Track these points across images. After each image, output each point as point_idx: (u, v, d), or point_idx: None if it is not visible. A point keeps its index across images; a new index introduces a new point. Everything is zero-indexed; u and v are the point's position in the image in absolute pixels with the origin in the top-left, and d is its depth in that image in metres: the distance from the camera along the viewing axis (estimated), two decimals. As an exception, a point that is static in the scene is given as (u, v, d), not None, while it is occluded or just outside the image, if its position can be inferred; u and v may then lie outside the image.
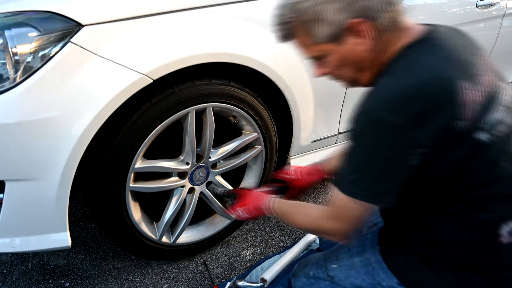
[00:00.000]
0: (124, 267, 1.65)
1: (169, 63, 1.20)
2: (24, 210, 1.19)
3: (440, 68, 0.84)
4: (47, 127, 1.10)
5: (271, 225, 1.94)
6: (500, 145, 0.88)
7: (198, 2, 1.28)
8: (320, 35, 0.90)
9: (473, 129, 0.83)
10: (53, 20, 1.08)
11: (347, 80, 1.00)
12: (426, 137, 0.81)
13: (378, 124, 0.82)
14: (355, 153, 0.89)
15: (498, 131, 0.87)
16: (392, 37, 0.90)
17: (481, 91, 0.85)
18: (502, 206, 0.91)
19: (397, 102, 0.81)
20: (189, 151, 1.43)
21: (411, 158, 0.83)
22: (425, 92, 0.81)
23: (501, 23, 2.16)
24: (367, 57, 0.91)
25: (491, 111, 0.86)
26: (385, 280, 1.07)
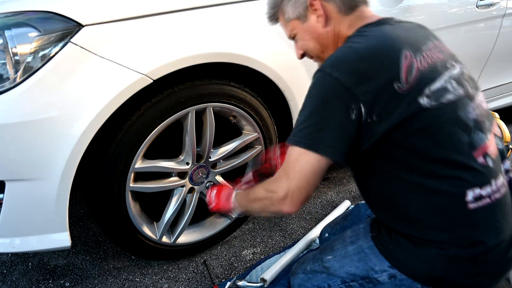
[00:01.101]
0: (124, 267, 1.65)
1: (169, 63, 1.21)
2: (24, 210, 1.19)
3: (387, 38, 0.95)
4: (47, 127, 1.10)
5: (271, 225, 1.94)
6: (445, 110, 0.93)
7: (198, 2, 1.28)
8: (290, 13, 1.09)
9: (412, 93, 0.90)
10: (53, 20, 1.08)
11: (317, 58, 1.14)
12: (364, 93, 0.89)
13: (324, 79, 0.93)
14: (305, 106, 0.96)
15: (442, 97, 0.93)
16: (349, 19, 1.04)
17: (425, 62, 0.94)
18: (462, 173, 0.94)
19: (341, 61, 0.93)
20: (189, 151, 1.43)
21: (351, 112, 0.90)
22: (368, 54, 0.92)
23: (501, 23, 2.16)
24: (326, 34, 1.07)
25: (435, 80, 0.93)
26: (377, 264, 1.09)
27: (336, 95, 0.90)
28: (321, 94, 0.93)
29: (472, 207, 0.94)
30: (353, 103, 0.89)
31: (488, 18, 2.09)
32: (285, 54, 1.45)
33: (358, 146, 0.95)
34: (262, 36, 1.39)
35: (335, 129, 0.91)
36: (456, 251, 0.97)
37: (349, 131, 0.92)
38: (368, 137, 0.93)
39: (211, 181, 1.60)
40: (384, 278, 1.08)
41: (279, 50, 1.44)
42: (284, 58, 1.46)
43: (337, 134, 0.92)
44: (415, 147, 0.93)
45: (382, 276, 1.08)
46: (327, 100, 0.91)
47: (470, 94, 0.98)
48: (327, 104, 0.91)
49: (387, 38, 0.95)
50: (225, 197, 1.29)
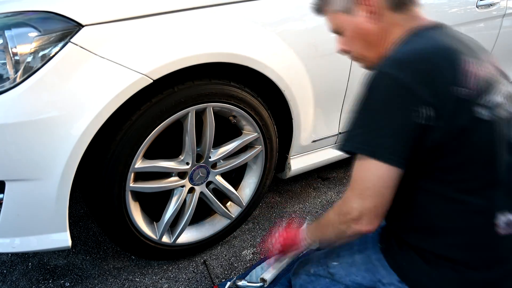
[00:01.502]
0: (124, 267, 1.65)
1: (169, 63, 1.21)
2: (24, 210, 1.19)
3: (447, 42, 0.89)
4: (47, 127, 1.10)
5: (271, 225, 1.94)
6: (499, 128, 0.88)
7: (198, 2, 1.28)
8: (338, 5, 0.99)
9: (474, 101, 0.85)
10: (53, 20, 1.08)
11: (360, 57, 1.05)
12: (429, 96, 0.83)
13: (386, 80, 0.86)
14: (363, 109, 0.90)
15: (498, 112, 0.88)
16: (400, 19, 0.96)
17: (483, 71, 0.88)
18: (497, 194, 0.90)
19: (405, 61, 0.86)
20: (189, 151, 1.43)
21: (414, 115, 0.84)
22: (431, 54, 0.86)
23: (501, 23, 2.16)
24: (374, 33, 0.97)
25: (492, 93, 0.88)
26: (385, 277, 1.07)
27: (401, 98, 0.84)
28: (385, 97, 0.86)
29: (502, 233, 0.91)
30: (417, 105, 0.83)
31: (488, 18, 2.09)
32: (285, 54, 1.45)
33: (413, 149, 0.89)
34: (262, 36, 1.39)
35: (397, 135, 0.86)
36: (471, 275, 0.94)
37: (410, 136, 0.86)
38: (422, 142, 0.87)
39: (212, 181, 1.60)
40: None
41: (279, 50, 1.44)
42: (284, 58, 1.46)
43: (399, 140, 0.86)
44: (462, 158, 0.88)
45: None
46: (391, 102, 0.85)
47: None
48: (392, 107, 0.85)
49: (446, 42, 0.90)
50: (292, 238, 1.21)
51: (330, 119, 1.80)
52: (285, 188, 2.27)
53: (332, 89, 1.70)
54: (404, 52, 0.89)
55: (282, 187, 2.28)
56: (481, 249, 0.94)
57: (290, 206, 2.10)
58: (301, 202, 2.14)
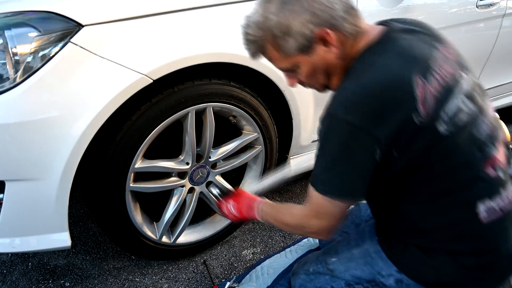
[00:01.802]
0: (124, 267, 1.65)
1: (169, 63, 1.21)
2: (24, 210, 1.19)
3: (394, 66, 0.88)
4: (47, 127, 1.10)
5: (271, 225, 1.94)
6: (462, 133, 0.91)
7: (198, 2, 1.28)
8: (289, 48, 0.93)
9: (431, 122, 0.87)
10: (53, 20, 1.08)
11: (319, 87, 1.04)
12: (385, 135, 0.86)
13: (340, 125, 0.87)
14: (323, 154, 0.94)
15: (458, 119, 0.90)
16: (355, 41, 0.95)
17: (437, 83, 0.89)
18: (475, 187, 0.94)
19: (354, 103, 0.86)
20: (189, 151, 1.43)
21: (372, 154, 0.88)
22: (380, 91, 0.85)
23: (501, 23, 2.16)
24: (335, 63, 0.96)
25: (449, 102, 0.90)
26: (384, 269, 1.09)
27: (357, 140, 0.87)
28: (341, 142, 0.89)
29: (484, 220, 0.94)
30: (375, 144, 0.87)
31: (488, 18, 2.09)
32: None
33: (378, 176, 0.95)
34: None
35: (360, 176, 0.92)
36: (466, 260, 0.98)
37: (372, 170, 0.92)
38: (390, 169, 0.93)
39: (211, 181, 1.60)
40: (391, 282, 1.08)
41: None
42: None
43: (363, 180, 0.92)
44: (432, 172, 0.93)
45: (388, 280, 1.08)
46: (348, 146, 0.88)
47: (481, 108, 0.96)
48: (349, 151, 0.89)
49: (395, 66, 0.88)
50: (246, 207, 1.28)
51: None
52: (285, 188, 2.27)
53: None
54: (353, 90, 0.88)
55: (282, 187, 2.28)
56: (470, 239, 0.98)
57: (290, 206, 2.10)
58: (301, 202, 2.14)
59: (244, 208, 1.29)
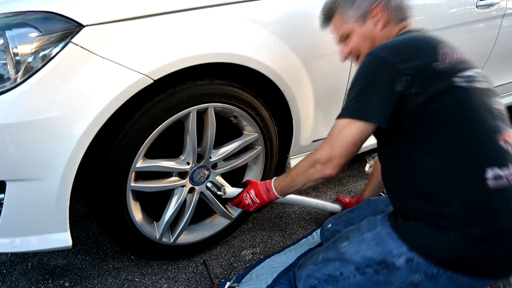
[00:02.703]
0: (123, 267, 1.65)
1: (169, 63, 1.20)
2: (24, 210, 1.19)
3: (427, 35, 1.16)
4: (48, 127, 1.10)
5: (270, 225, 1.94)
6: (477, 94, 1.05)
7: (199, 3, 1.28)
8: (350, 16, 1.26)
9: (450, 73, 1.04)
10: (53, 21, 1.08)
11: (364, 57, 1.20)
12: (409, 69, 1.03)
13: (372, 59, 1.09)
14: (355, 84, 1.11)
15: (474, 82, 1.06)
16: (397, 25, 1.24)
17: (458, 55, 1.10)
18: (484, 151, 1.01)
19: (391, 45, 1.11)
20: (190, 151, 1.43)
21: (397, 84, 1.04)
22: (411, 42, 1.12)
23: (501, 23, 2.17)
24: (379, 36, 1.24)
25: (466, 70, 1.07)
26: (395, 248, 1.12)
27: (383, 70, 1.05)
28: (370, 72, 1.08)
29: (491, 185, 0.98)
30: (397, 76, 1.03)
31: (488, 18, 2.09)
32: (286, 54, 1.45)
33: (397, 115, 1.07)
34: (262, 36, 1.39)
35: (382, 99, 1.05)
36: (470, 229, 1.00)
37: (393, 101, 1.05)
38: (407, 107, 1.05)
39: (212, 181, 1.60)
40: (401, 262, 1.10)
41: (280, 51, 1.44)
42: (285, 59, 1.46)
43: (384, 103, 1.05)
44: (445, 120, 1.03)
45: (399, 260, 1.10)
46: (375, 76, 1.07)
47: (492, 90, 1.11)
48: (375, 80, 1.06)
49: (426, 35, 1.16)
50: (265, 191, 1.37)
51: (330, 119, 1.79)
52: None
53: (332, 89, 1.70)
54: (391, 40, 1.16)
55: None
56: (475, 203, 1.01)
57: (290, 206, 2.11)
58: (301, 201, 2.14)
59: (263, 192, 1.38)
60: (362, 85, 1.08)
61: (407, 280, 1.10)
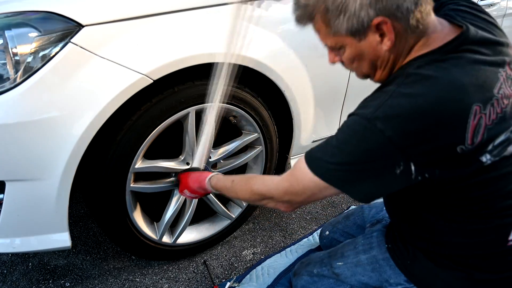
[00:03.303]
0: (124, 267, 1.65)
1: (169, 63, 1.20)
2: (24, 210, 1.19)
3: (455, 87, 0.77)
4: (47, 128, 1.10)
5: (271, 225, 1.94)
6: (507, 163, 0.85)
7: (198, 3, 1.28)
8: (340, 27, 0.83)
9: (476, 152, 0.80)
10: (53, 21, 1.08)
11: (359, 74, 0.96)
12: (418, 154, 0.79)
13: (374, 134, 0.79)
14: (343, 149, 0.85)
15: (505, 150, 0.84)
16: (415, 39, 0.85)
17: (494, 113, 0.80)
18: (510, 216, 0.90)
19: (398, 116, 0.78)
20: (189, 151, 1.43)
21: (396, 167, 0.81)
22: (431, 112, 0.77)
23: (501, 23, 2.16)
24: (385, 57, 0.87)
25: (499, 133, 0.82)
26: (392, 277, 1.08)
27: (386, 155, 0.80)
28: (368, 149, 0.81)
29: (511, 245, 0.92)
30: (402, 160, 0.80)
31: (489, 18, 2.09)
32: (286, 54, 1.45)
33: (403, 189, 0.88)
34: (262, 36, 1.39)
35: (374, 181, 0.84)
36: (482, 276, 0.96)
37: (389, 184, 0.85)
38: (416, 187, 0.87)
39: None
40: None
41: (280, 51, 1.43)
42: (285, 59, 1.46)
43: (375, 185, 0.85)
44: (468, 197, 0.88)
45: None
46: (374, 156, 0.81)
47: None
48: (373, 161, 0.82)
49: (455, 88, 0.77)
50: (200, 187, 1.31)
51: (331, 120, 1.80)
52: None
53: (333, 89, 1.70)
54: (400, 103, 0.79)
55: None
56: (491, 258, 0.94)
57: (290, 206, 2.10)
58: (301, 202, 2.14)
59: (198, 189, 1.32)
60: (354, 159, 0.83)
61: None
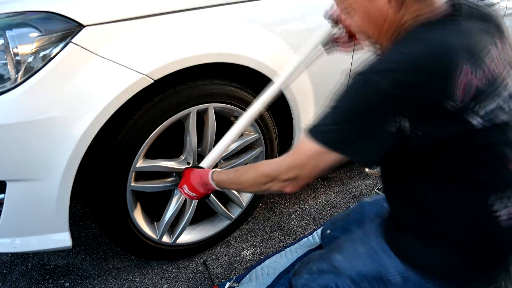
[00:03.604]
0: (124, 267, 1.65)
1: (169, 63, 1.20)
2: (25, 210, 1.19)
3: (445, 45, 0.83)
4: (48, 127, 1.10)
5: (270, 225, 1.94)
6: (497, 131, 0.87)
7: (199, 2, 1.28)
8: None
9: (466, 112, 0.83)
10: (54, 21, 1.08)
11: (366, 38, 1.01)
12: (411, 108, 0.82)
13: (370, 86, 0.84)
14: (339, 107, 0.90)
15: (496, 117, 0.86)
16: (418, 6, 0.90)
17: (483, 76, 0.84)
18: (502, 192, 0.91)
19: (390, 69, 0.83)
20: (190, 151, 1.43)
21: (391, 123, 0.84)
22: (421, 63, 0.81)
23: (501, 24, 2.17)
24: (390, 19, 0.92)
25: (490, 97, 0.86)
26: (389, 264, 1.09)
27: (380, 106, 0.83)
28: (363, 103, 0.85)
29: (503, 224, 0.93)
30: (397, 116, 0.83)
31: (488, 18, 2.09)
32: (286, 54, 1.45)
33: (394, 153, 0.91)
34: (262, 36, 1.39)
35: (370, 139, 0.87)
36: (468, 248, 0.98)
37: (385, 143, 0.88)
38: (408, 149, 0.89)
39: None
40: (397, 280, 1.08)
41: (280, 51, 1.44)
42: (285, 59, 1.45)
43: (371, 144, 0.88)
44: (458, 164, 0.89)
45: (395, 278, 1.08)
46: (368, 109, 0.85)
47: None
48: (368, 114, 0.85)
49: (446, 47, 0.82)
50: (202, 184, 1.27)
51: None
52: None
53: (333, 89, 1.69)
54: (395, 58, 0.85)
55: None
56: (482, 239, 0.96)
57: (290, 206, 2.10)
58: (301, 202, 2.14)
59: (199, 186, 1.28)
60: (351, 114, 0.87)
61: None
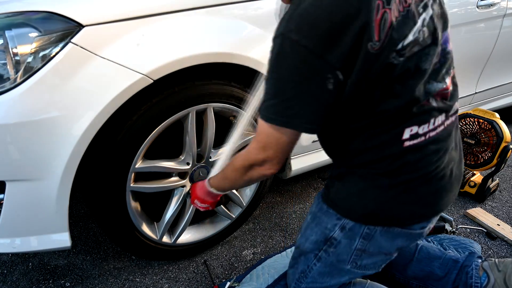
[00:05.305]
0: (124, 267, 1.65)
1: (169, 63, 1.20)
2: (24, 210, 1.19)
3: None
4: (47, 128, 1.10)
5: (271, 225, 1.94)
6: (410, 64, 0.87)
7: (199, 2, 1.28)
8: None
9: (385, 51, 0.83)
10: (53, 21, 1.08)
11: None
12: (336, 59, 0.80)
13: (292, 47, 0.81)
14: (272, 78, 0.87)
15: (410, 51, 0.86)
16: None
17: (397, 9, 0.83)
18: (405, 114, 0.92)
19: (306, 23, 0.80)
20: (189, 151, 1.43)
21: (324, 81, 0.83)
22: (334, 11, 0.79)
23: (501, 23, 2.17)
24: None
25: (407, 35, 0.85)
26: (328, 221, 1.11)
27: (309, 66, 0.81)
28: (292, 66, 0.82)
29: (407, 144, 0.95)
30: (329, 72, 0.81)
31: (489, 18, 2.09)
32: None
33: None
34: (261, 36, 1.39)
35: (309, 103, 0.85)
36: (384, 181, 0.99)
37: (327, 102, 0.87)
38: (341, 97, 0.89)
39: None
40: (337, 233, 1.09)
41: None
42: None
43: (313, 108, 0.86)
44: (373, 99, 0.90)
45: (335, 231, 1.10)
46: (299, 72, 0.82)
47: (438, 39, 0.93)
48: (300, 77, 0.82)
49: None
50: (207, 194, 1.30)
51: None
52: (285, 188, 2.27)
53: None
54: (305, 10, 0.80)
55: (283, 187, 2.28)
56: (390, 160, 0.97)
57: (291, 206, 2.10)
58: (302, 202, 2.14)
59: (206, 197, 1.31)
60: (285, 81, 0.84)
61: (352, 249, 1.09)
